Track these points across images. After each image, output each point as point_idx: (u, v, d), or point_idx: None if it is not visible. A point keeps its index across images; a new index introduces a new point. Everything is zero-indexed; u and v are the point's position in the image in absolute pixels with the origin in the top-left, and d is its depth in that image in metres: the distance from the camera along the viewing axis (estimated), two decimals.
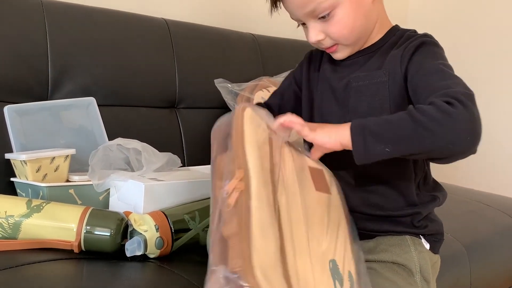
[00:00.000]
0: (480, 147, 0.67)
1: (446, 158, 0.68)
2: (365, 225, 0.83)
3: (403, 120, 0.66)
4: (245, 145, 0.63)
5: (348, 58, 0.86)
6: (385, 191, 0.83)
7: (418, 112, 0.66)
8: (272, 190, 0.62)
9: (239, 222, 0.57)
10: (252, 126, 0.67)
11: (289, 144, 0.73)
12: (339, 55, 0.86)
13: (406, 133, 0.66)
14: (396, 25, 0.88)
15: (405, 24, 0.91)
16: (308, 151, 0.77)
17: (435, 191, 0.88)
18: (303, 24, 0.83)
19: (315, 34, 0.81)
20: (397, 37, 0.85)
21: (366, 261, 0.77)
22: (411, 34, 0.84)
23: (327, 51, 0.85)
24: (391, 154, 0.67)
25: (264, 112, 0.73)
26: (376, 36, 0.85)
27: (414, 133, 0.65)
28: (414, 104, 0.71)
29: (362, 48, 0.86)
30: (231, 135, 0.66)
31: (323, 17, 0.79)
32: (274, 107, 0.96)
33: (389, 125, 0.68)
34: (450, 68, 0.75)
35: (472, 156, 0.68)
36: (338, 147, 0.70)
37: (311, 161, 0.76)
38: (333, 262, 0.66)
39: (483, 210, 1.43)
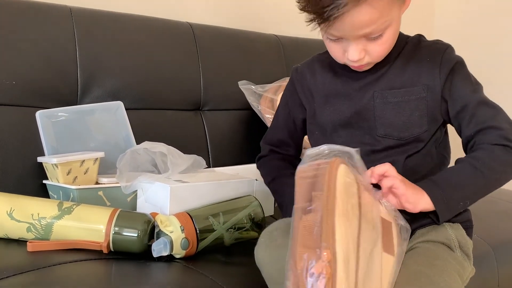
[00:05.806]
0: None
1: None
2: None
3: (478, 181, 0.77)
4: (335, 222, 0.61)
5: None
6: None
7: (489, 171, 0.76)
8: (355, 266, 0.63)
9: None
10: (344, 187, 0.65)
11: (366, 188, 0.71)
12: (364, 68, 0.84)
13: (482, 192, 0.79)
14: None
15: (431, 33, 0.91)
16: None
17: None
18: (338, 39, 0.79)
19: (359, 53, 0.78)
20: (411, 45, 0.85)
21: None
22: (435, 43, 0.85)
23: (356, 67, 0.83)
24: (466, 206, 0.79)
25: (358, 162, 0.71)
26: None
27: (488, 190, 0.79)
28: (453, 121, 0.82)
29: None
30: (320, 195, 0.64)
31: (372, 38, 0.77)
32: (285, 139, 0.98)
33: (468, 188, 0.77)
34: (482, 89, 0.84)
35: None
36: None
37: (383, 210, 0.74)
38: None
39: (511, 210, 1.40)
